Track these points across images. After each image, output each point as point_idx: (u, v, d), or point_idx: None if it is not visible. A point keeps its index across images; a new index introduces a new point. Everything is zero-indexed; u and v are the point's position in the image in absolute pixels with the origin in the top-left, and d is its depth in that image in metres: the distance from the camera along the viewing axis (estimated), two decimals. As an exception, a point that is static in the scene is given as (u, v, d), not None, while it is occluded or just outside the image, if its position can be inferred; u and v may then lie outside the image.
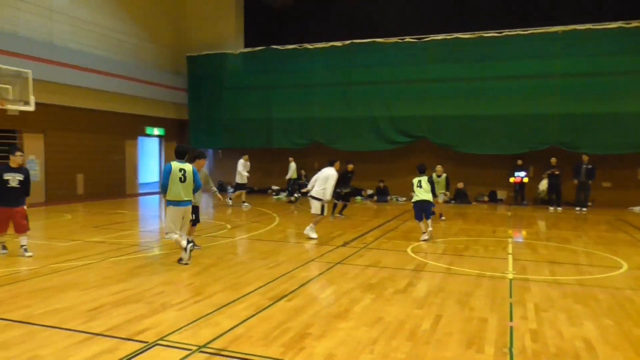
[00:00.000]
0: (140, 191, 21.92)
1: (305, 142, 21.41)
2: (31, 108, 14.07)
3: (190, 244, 8.01)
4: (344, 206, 14.45)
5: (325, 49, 20.92)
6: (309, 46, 21.16)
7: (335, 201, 13.87)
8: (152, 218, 15.54)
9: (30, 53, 15.29)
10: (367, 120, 20.24)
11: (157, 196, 21.37)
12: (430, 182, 10.64)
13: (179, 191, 7.89)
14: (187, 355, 4.32)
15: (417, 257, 8.75)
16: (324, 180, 10.54)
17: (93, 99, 18.74)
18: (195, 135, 23.24)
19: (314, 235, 10.47)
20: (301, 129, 21.36)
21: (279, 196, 21.12)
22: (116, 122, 20.04)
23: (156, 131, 22.52)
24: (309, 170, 21.61)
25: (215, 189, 9.90)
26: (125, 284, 6.70)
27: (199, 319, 5.28)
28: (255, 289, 6.47)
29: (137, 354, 4.33)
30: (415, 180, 10.57)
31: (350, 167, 14.24)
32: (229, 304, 5.82)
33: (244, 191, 17.22)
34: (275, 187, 22.02)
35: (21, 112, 14.24)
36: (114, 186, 19.60)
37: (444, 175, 13.55)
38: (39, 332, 4.88)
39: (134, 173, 21.52)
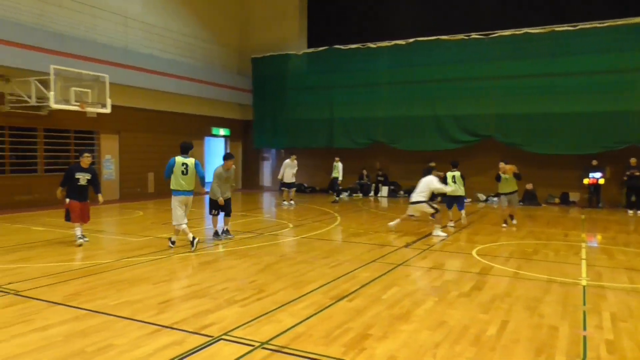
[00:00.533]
0: (207, 190, 22.59)
1: (366, 141, 21.31)
2: (107, 110, 14.91)
3: (224, 234, 10.02)
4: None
5: (388, 48, 20.73)
6: (371, 45, 21.05)
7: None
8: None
9: (107, 58, 16.17)
10: (431, 119, 19.86)
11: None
12: (462, 177, 12.64)
13: (180, 182, 8.99)
14: (249, 351, 4.41)
15: (482, 260, 8.49)
16: (425, 187, 11.09)
17: (164, 101, 19.59)
18: (259, 136, 23.72)
19: (444, 234, 10.80)
20: (363, 128, 21.27)
21: (340, 196, 21.15)
22: (185, 123, 20.83)
23: (222, 131, 23.20)
24: (370, 170, 21.56)
25: (234, 185, 11.14)
26: (191, 279, 6.94)
27: (262, 315, 5.38)
28: (317, 288, 6.51)
29: (203, 348, 4.47)
30: (449, 175, 12.47)
31: (442, 174, 13.52)
32: (290, 302, 5.89)
33: (291, 190, 17.33)
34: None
35: (99, 114, 15.12)
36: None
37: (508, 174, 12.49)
38: (113, 322, 5.15)
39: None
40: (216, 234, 10.22)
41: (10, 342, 4.54)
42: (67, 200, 9.36)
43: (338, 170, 18.32)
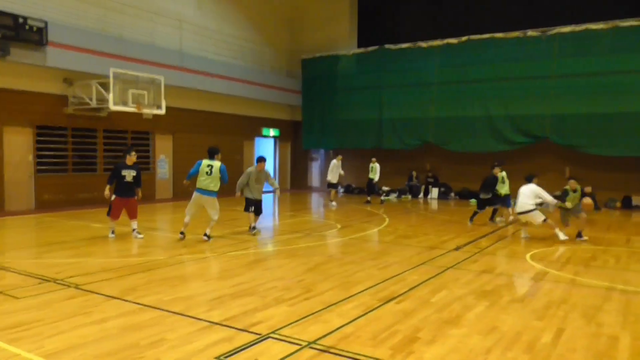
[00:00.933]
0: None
1: (416, 142, 21.02)
2: (162, 112, 15.42)
3: (255, 229, 10.84)
4: (494, 211, 13.53)
5: (439, 47, 20.34)
6: (423, 44, 20.73)
7: (479, 210, 13.23)
8: (267, 216, 16.21)
9: (163, 61, 16.72)
10: (484, 119, 19.35)
11: (271, 194, 22.27)
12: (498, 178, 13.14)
13: (204, 182, 9.67)
14: (297, 350, 4.44)
15: (537, 265, 8.20)
16: (531, 194, 10.73)
17: (216, 102, 20.06)
18: (308, 136, 23.87)
19: (564, 237, 10.41)
20: (413, 129, 20.99)
21: (389, 197, 20.99)
22: (236, 124, 21.25)
23: (272, 132, 23.50)
24: (420, 171, 21.27)
25: (277, 185, 11.75)
26: (241, 278, 7.07)
27: (309, 315, 5.41)
28: (365, 289, 6.48)
29: (251, 345, 4.54)
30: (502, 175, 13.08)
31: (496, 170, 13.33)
32: (338, 302, 5.89)
33: (337, 189, 17.33)
34: (385, 188, 21.89)
35: (154, 115, 15.65)
36: (232, 185, 20.74)
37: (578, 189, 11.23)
38: (167, 317, 5.31)
39: (251, 172, 22.63)
40: (251, 228, 10.97)
41: (71, 333, 4.77)
42: (114, 196, 9.86)
43: (375, 171, 18.15)
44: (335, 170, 17.27)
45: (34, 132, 14.56)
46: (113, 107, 14.13)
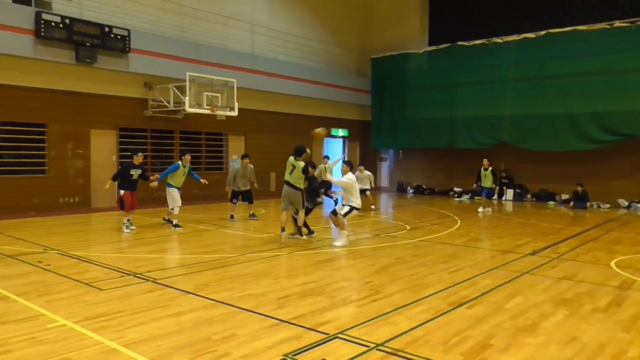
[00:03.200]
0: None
1: (490, 142, 20.25)
2: (235, 113, 15.88)
3: (254, 216, 13.06)
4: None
5: (516, 42, 19.49)
6: (498, 40, 19.97)
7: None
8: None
9: (236, 64, 17.22)
10: (564, 117, 18.31)
11: (340, 196, 22.34)
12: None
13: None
14: (365, 352, 4.40)
15: (623, 272, 7.65)
16: None
17: (286, 103, 20.39)
18: (377, 136, 23.71)
19: None
20: (487, 127, 20.25)
21: (461, 198, 20.43)
22: (305, 124, 21.40)
23: (341, 132, 23.56)
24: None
25: (254, 180, 13.24)
26: (310, 277, 7.12)
27: (378, 317, 5.35)
28: (435, 293, 6.33)
29: (319, 345, 4.55)
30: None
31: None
32: (407, 305, 5.79)
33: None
34: (457, 189, 21.34)
35: (227, 116, 16.15)
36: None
37: None
38: (237, 313, 5.44)
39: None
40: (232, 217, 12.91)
41: (149, 325, 5.00)
42: (121, 192, 10.90)
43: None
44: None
45: (117, 134, 15.47)
46: (189, 110, 14.73)
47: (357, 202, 9.60)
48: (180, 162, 11.57)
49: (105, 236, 10.79)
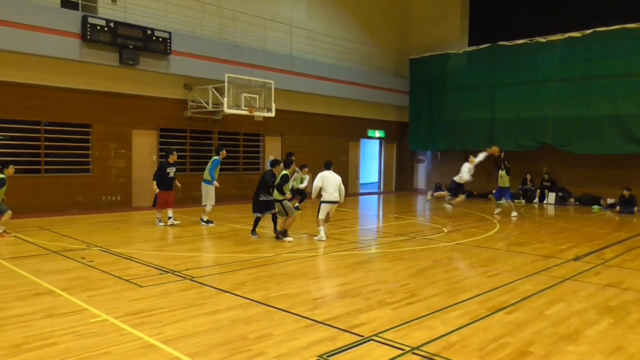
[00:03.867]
0: (361, 191, 23.09)
1: (532, 143, 19.70)
2: (272, 114, 16.01)
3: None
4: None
5: (560, 41, 18.88)
6: (541, 39, 19.42)
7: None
8: (372, 217, 16.20)
9: (274, 65, 17.36)
10: (611, 118, 17.62)
11: (376, 196, 22.23)
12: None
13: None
14: (399, 355, 4.36)
15: (672, 281, 7.31)
16: None
17: (323, 104, 20.42)
18: (415, 137, 23.43)
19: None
20: (528, 129, 19.69)
21: (501, 201, 19.96)
22: (342, 126, 21.48)
23: (377, 133, 23.43)
24: (535, 174, 19.98)
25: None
26: (345, 278, 7.10)
27: (413, 320, 5.29)
28: (472, 297, 6.21)
29: (354, 346, 4.53)
30: None
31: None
32: (443, 309, 5.70)
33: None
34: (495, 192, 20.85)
35: (264, 117, 16.31)
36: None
37: None
38: (273, 312, 5.48)
39: (356, 173, 22.78)
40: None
41: (187, 322, 5.10)
42: (157, 190, 11.45)
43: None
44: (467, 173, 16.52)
45: (158, 134, 15.84)
46: (227, 111, 14.94)
47: (326, 196, 9.99)
48: (218, 157, 12.05)
49: (145, 234, 11.06)
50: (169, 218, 11.79)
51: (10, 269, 7.26)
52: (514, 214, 15.17)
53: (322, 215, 10.02)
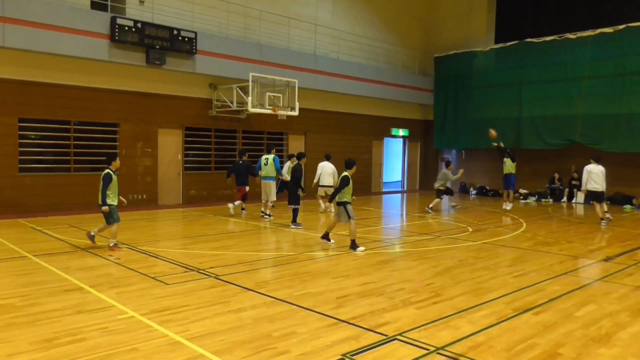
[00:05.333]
0: (384, 190, 22.96)
1: (560, 142, 19.29)
2: (295, 113, 16.03)
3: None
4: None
5: (591, 37, 18.39)
6: (570, 36, 18.99)
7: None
8: (395, 216, 16.10)
9: (298, 64, 17.38)
10: (645, 116, 17.15)
11: (399, 195, 22.08)
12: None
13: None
14: (424, 355, 4.31)
15: None
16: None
17: (346, 103, 20.36)
18: (440, 136, 23.19)
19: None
20: (556, 127, 19.28)
21: (527, 200, 19.64)
22: (365, 124, 21.38)
23: (401, 132, 23.25)
24: (563, 173, 19.58)
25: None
26: (369, 277, 7.07)
27: (438, 320, 5.23)
28: (499, 297, 6.11)
29: (377, 345, 4.50)
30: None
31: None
32: (469, 308, 5.62)
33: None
34: (523, 191, 20.53)
35: (288, 116, 16.35)
36: (360, 184, 20.92)
37: None
38: (297, 311, 5.49)
39: (379, 172, 22.67)
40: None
41: (212, 320, 5.14)
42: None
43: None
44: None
45: (183, 133, 16.02)
46: (251, 110, 15.01)
47: (321, 181, 14.24)
48: (277, 155, 13.49)
49: (171, 232, 11.19)
50: (242, 209, 13.89)
51: (41, 265, 7.44)
52: (507, 205, 15.88)
53: (321, 193, 14.27)
